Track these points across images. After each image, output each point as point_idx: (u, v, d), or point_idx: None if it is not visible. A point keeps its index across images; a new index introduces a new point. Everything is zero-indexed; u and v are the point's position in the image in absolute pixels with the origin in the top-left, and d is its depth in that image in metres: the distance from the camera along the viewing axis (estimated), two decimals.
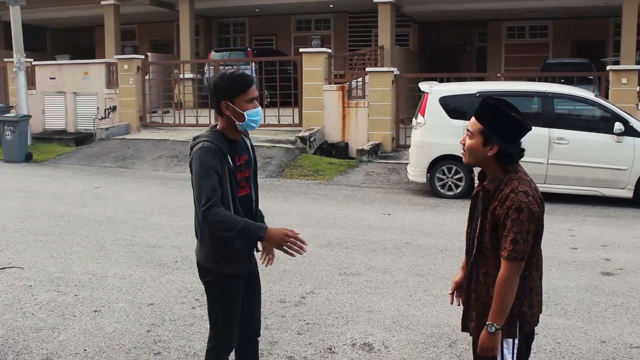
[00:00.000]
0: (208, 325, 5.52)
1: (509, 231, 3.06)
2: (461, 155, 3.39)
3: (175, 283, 6.77)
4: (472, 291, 3.32)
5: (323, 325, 5.69)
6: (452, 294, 3.65)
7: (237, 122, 3.63)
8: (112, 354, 5.07)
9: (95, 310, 5.99)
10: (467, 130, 3.21)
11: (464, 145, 3.24)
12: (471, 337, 3.53)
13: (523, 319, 3.24)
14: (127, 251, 7.97)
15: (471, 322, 3.35)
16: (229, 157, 3.61)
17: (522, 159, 3.27)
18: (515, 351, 3.28)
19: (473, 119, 3.20)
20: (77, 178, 13.96)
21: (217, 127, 3.71)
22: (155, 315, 5.89)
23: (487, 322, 3.14)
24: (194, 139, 3.70)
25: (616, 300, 6.36)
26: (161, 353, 5.10)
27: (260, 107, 3.71)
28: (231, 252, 3.68)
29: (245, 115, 3.61)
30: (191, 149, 3.64)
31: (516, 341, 3.26)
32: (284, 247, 3.47)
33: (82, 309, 6.01)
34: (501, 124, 3.12)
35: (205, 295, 3.87)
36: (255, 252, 3.95)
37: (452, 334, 5.48)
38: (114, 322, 5.72)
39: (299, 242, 3.47)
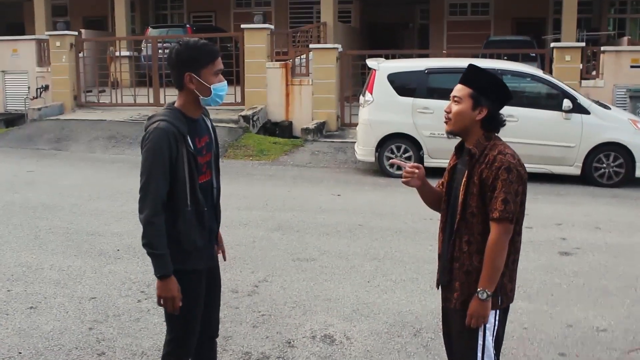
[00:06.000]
0: (156, 320, 5.19)
1: (499, 192, 3.02)
2: (408, 133, 3.26)
3: (118, 274, 6.32)
4: (454, 260, 3.20)
5: (279, 316, 5.37)
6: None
7: (201, 97, 3.28)
8: (51, 356, 4.63)
9: (31, 307, 5.51)
10: (454, 96, 3.18)
11: (448, 112, 3.19)
12: (441, 320, 3.42)
13: (503, 291, 3.15)
14: (64, 240, 7.46)
15: (454, 293, 3.20)
16: (188, 138, 3.24)
17: None
18: (495, 332, 3.17)
19: (459, 85, 3.19)
20: (7, 161, 13.19)
21: (175, 104, 3.33)
22: (97, 310, 5.46)
23: (478, 289, 3.06)
24: (149, 118, 3.32)
25: (578, 281, 6.23)
26: (106, 353, 4.69)
27: (226, 81, 3.35)
28: (193, 246, 3.31)
29: (212, 89, 3.26)
30: (145, 129, 3.25)
31: (497, 317, 3.16)
32: (162, 302, 3.27)
33: (15, 306, 5.52)
34: (491, 86, 3.15)
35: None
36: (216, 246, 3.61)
37: (415, 323, 5.24)
38: (52, 319, 5.26)
39: (175, 308, 3.28)
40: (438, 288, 3.38)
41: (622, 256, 7.05)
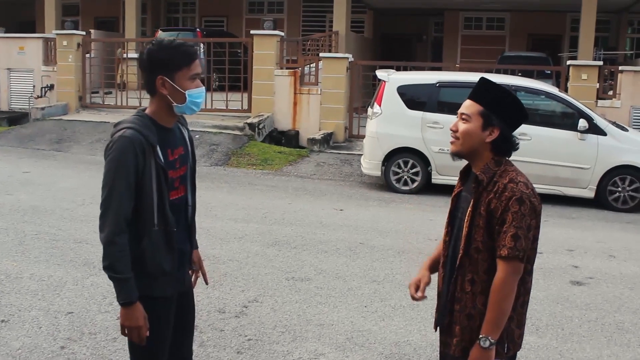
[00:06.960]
0: None
1: (509, 226, 2.64)
2: (417, 148, 2.86)
3: (100, 287, 5.94)
4: (455, 301, 2.79)
5: (267, 342, 4.98)
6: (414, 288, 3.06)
7: (175, 104, 2.91)
8: None
9: (2, 320, 5.15)
10: (462, 114, 2.78)
11: (455, 131, 2.79)
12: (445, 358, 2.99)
13: (510, 338, 2.74)
14: (49, 247, 7.10)
15: (454, 338, 2.80)
16: (158, 149, 2.87)
17: None
18: None
19: (468, 101, 2.79)
20: (5, 161, 12.88)
21: (146, 110, 2.97)
22: (73, 327, 5.09)
23: (480, 336, 2.66)
24: (116, 125, 2.94)
25: (590, 315, 5.81)
26: None
27: (204, 87, 2.98)
28: (160, 271, 2.94)
29: (187, 96, 2.89)
30: (111, 136, 2.88)
31: None
32: (127, 330, 2.91)
33: None
34: (503, 104, 2.77)
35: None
36: (190, 271, 3.23)
37: (413, 355, 4.84)
38: (22, 335, 4.90)
39: (141, 338, 2.93)
40: (436, 330, 2.98)
41: (639, 288, 6.63)
